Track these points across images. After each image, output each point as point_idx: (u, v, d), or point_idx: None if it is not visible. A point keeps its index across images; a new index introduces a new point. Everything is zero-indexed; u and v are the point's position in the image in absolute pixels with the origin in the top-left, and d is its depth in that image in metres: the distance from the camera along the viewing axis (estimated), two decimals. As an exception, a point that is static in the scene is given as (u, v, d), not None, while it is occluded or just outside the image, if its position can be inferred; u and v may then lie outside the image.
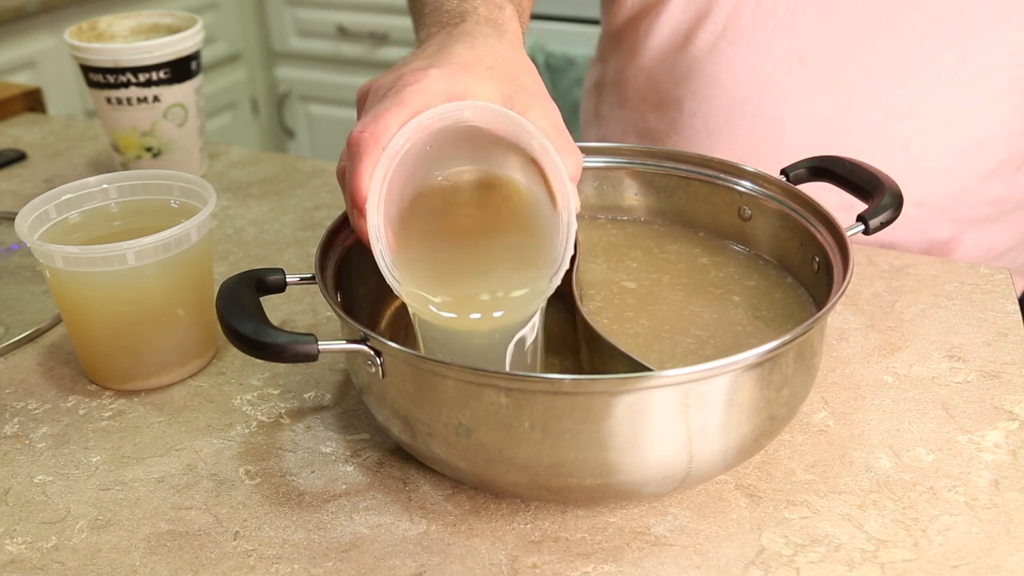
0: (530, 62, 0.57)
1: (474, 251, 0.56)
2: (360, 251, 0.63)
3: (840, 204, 0.66)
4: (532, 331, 0.55)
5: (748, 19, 0.83)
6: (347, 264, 0.61)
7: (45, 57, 1.90)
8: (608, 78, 0.98)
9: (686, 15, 0.86)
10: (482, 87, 0.52)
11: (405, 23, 2.23)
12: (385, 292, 0.66)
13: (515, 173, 0.54)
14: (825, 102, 0.83)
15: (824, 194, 0.65)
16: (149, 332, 0.64)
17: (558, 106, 0.56)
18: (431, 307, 0.54)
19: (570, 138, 0.54)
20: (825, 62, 0.82)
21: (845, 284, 0.53)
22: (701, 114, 0.87)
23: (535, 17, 1.97)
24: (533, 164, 0.53)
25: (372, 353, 0.51)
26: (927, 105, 0.81)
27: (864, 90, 0.82)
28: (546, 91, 0.55)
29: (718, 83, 0.85)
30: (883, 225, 0.60)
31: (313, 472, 0.58)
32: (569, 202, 0.52)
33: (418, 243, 0.55)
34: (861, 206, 0.62)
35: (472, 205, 0.55)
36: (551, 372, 0.60)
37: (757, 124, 0.85)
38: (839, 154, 0.67)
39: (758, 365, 0.50)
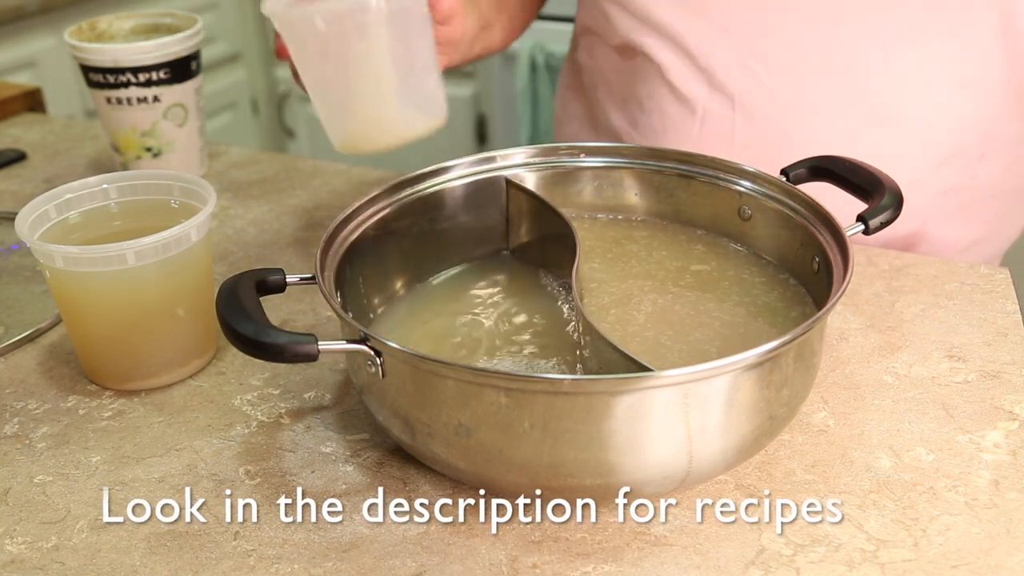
0: None
1: None
2: (360, 251, 0.63)
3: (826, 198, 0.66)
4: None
5: (686, 22, 0.85)
6: (347, 264, 0.61)
7: (45, 57, 1.90)
8: (580, 79, 1.00)
9: (636, 19, 0.89)
10: None
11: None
12: (385, 292, 0.66)
13: None
14: (769, 100, 0.84)
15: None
16: (149, 332, 0.64)
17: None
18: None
19: None
20: (764, 62, 0.84)
21: (845, 284, 0.53)
22: (658, 113, 0.90)
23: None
24: None
25: (372, 353, 0.51)
26: (867, 100, 0.83)
27: (806, 87, 0.83)
28: None
29: (669, 85, 0.88)
30: (883, 225, 0.60)
31: (313, 472, 0.58)
32: None
33: None
34: (845, 198, 0.62)
35: None
36: (550, 372, 0.60)
37: (708, 125, 0.87)
38: (789, 151, 0.68)
39: (758, 365, 0.50)
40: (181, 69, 0.93)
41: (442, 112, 0.69)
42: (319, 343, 0.50)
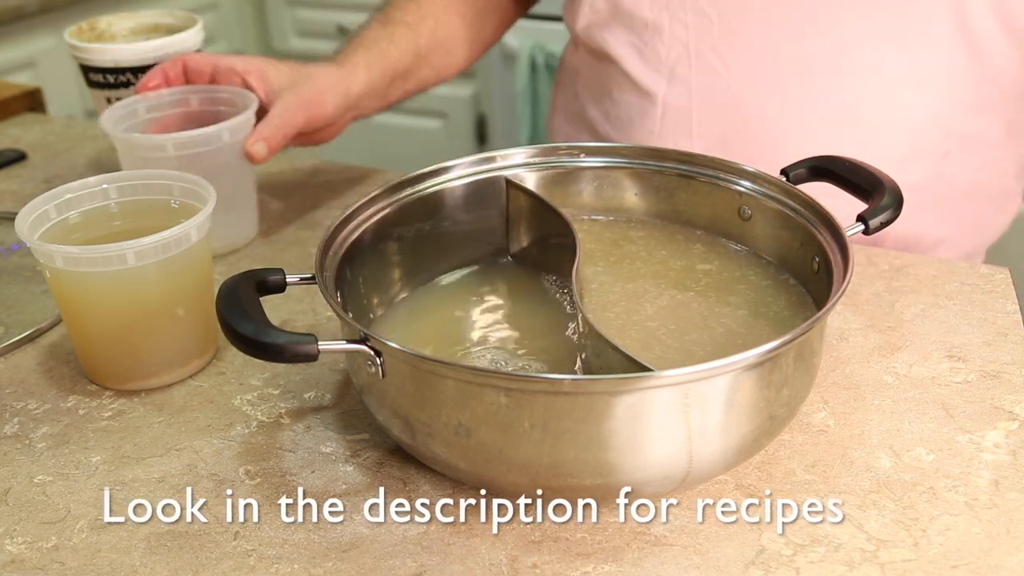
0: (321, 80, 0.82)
1: None
2: (360, 251, 0.63)
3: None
4: None
5: (647, 13, 0.87)
6: (347, 264, 0.61)
7: (45, 57, 1.90)
8: (564, 75, 1.03)
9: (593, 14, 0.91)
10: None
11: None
12: (385, 292, 0.66)
13: None
14: (727, 95, 0.86)
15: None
16: (149, 332, 0.64)
17: None
18: None
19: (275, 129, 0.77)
20: (722, 57, 0.85)
21: (845, 284, 0.53)
22: (624, 104, 0.91)
23: (535, 17, 1.97)
24: None
25: (372, 353, 0.51)
26: (823, 95, 0.84)
27: (764, 82, 0.85)
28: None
29: (631, 76, 0.90)
30: (883, 225, 0.60)
31: (313, 472, 0.58)
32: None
33: None
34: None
35: None
36: (550, 372, 0.60)
37: (668, 119, 0.89)
38: (747, 144, 0.68)
39: (758, 365, 0.50)
40: (181, 69, 0.93)
41: (244, 237, 0.85)
42: (319, 343, 0.50)
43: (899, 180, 0.85)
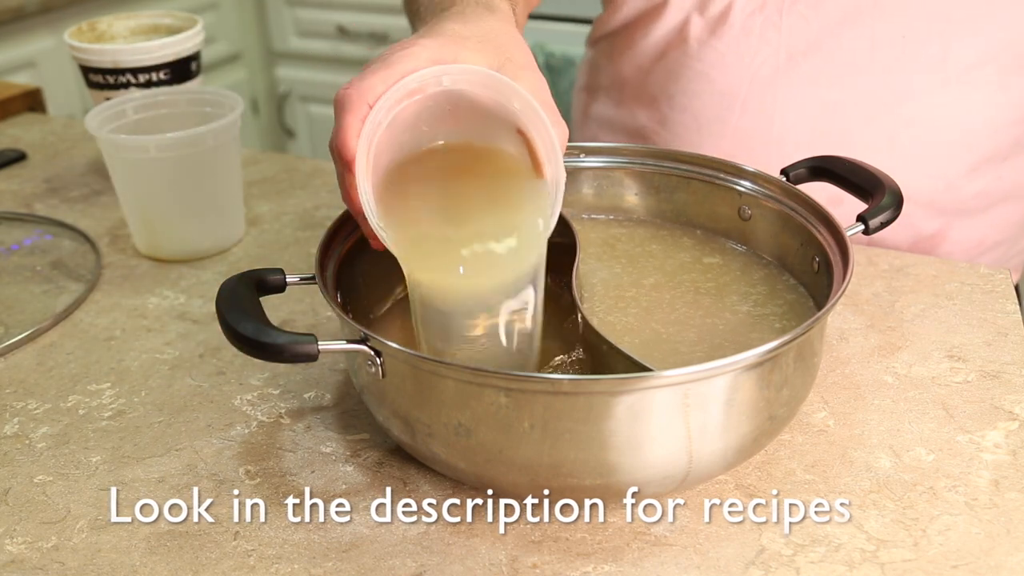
0: (521, 38, 0.58)
1: (459, 210, 0.56)
2: (360, 251, 0.63)
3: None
4: (528, 308, 0.55)
5: (737, 16, 0.85)
6: (347, 264, 0.61)
7: (45, 57, 1.90)
8: (600, 80, 0.99)
9: (680, 14, 0.88)
10: (471, 57, 0.54)
11: (405, 23, 2.22)
12: (385, 292, 0.66)
13: (503, 144, 0.55)
14: (812, 98, 0.84)
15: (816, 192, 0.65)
16: None
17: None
18: (422, 266, 0.54)
19: (556, 111, 0.56)
20: (811, 59, 0.83)
21: (845, 284, 0.53)
22: (692, 110, 0.89)
23: (535, 17, 1.97)
24: (520, 135, 0.54)
25: (372, 353, 0.51)
26: (912, 100, 0.83)
27: (850, 86, 0.83)
28: (535, 64, 0.57)
29: (709, 79, 0.87)
30: (883, 225, 0.60)
31: (313, 472, 0.58)
32: (556, 155, 0.53)
33: (403, 204, 0.55)
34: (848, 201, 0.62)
35: (459, 169, 0.56)
36: (550, 372, 0.60)
37: (745, 120, 0.87)
38: (826, 149, 0.68)
39: (758, 365, 0.50)
40: (181, 70, 0.93)
41: (231, 238, 0.84)
42: (319, 343, 0.50)
43: (969, 187, 0.85)
